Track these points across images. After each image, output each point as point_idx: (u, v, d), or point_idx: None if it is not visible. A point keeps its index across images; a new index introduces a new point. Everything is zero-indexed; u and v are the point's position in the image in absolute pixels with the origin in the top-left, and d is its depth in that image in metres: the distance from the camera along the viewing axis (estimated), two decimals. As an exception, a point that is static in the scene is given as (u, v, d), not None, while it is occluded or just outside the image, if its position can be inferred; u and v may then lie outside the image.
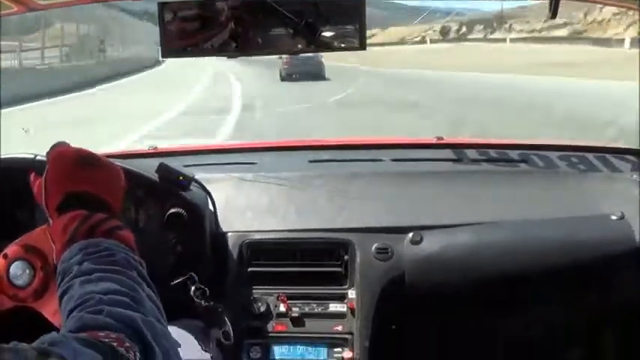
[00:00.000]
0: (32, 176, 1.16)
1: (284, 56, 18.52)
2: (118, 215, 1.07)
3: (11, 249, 1.26)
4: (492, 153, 1.96)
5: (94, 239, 0.98)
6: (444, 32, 54.70)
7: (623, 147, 1.96)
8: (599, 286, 1.59)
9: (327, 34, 1.20)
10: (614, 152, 1.91)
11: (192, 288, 1.50)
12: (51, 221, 1.06)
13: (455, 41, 51.03)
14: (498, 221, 1.65)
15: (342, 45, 1.22)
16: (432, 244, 1.58)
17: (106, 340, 0.77)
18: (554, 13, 1.49)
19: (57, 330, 1.19)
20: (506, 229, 1.63)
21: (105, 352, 0.75)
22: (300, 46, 1.21)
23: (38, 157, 1.30)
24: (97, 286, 0.88)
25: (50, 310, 1.23)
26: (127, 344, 0.78)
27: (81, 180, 1.05)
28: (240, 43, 1.22)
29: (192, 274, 1.51)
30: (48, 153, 1.11)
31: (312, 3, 1.18)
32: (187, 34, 1.24)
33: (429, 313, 1.64)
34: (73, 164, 1.07)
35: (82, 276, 0.91)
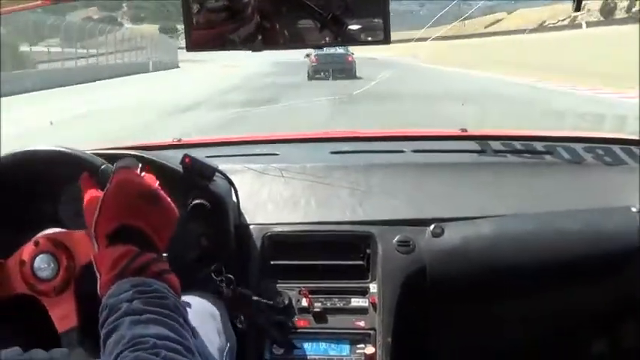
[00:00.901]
0: (87, 181, 1.16)
1: (312, 55, 18.47)
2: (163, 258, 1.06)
3: (43, 239, 1.27)
4: (516, 145, 1.94)
5: (145, 278, 0.97)
6: (607, 10, 39.44)
7: None
8: (619, 278, 1.58)
9: (354, 27, 1.20)
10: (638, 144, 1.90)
11: (219, 278, 1.51)
12: (95, 244, 1.04)
13: (631, 22, 32.08)
14: (520, 213, 1.64)
15: (369, 39, 1.22)
16: (453, 236, 1.58)
17: None
18: (577, 6, 1.47)
19: (56, 333, 1.21)
20: (528, 220, 1.63)
21: None
22: (327, 39, 1.20)
23: (104, 167, 1.29)
24: (147, 329, 0.87)
25: (59, 312, 1.24)
26: None
27: (139, 214, 1.04)
28: (266, 36, 1.22)
29: (219, 265, 1.52)
30: (114, 171, 1.10)
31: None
32: (212, 28, 1.23)
33: (452, 307, 1.63)
34: (137, 196, 1.06)
35: (131, 315, 0.90)
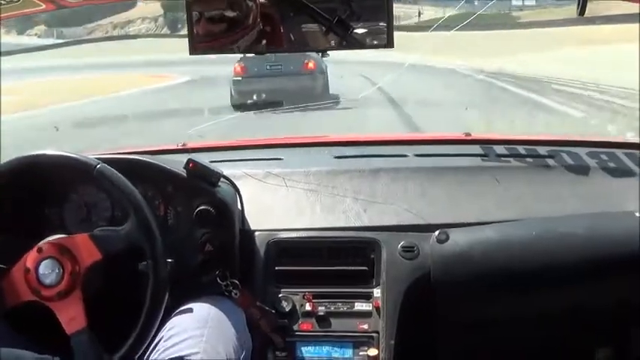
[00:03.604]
0: None
1: (237, 61, 11.06)
2: None
3: (46, 245, 1.28)
4: (520, 149, 1.93)
5: None
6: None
7: None
8: (623, 283, 1.56)
9: (359, 31, 1.20)
10: None
11: (224, 283, 1.52)
12: None
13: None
14: (524, 218, 1.63)
15: (373, 42, 1.22)
16: (458, 242, 1.57)
17: None
18: (582, 10, 1.47)
19: (65, 335, 1.24)
20: (532, 226, 1.61)
21: None
22: (332, 43, 1.20)
23: (99, 166, 1.33)
24: None
25: (67, 315, 1.26)
26: None
27: None
28: (270, 39, 1.22)
29: (223, 270, 1.52)
30: None
31: (343, 0, 1.18)
32: (216, 30, 1.24)
33: (455, 312, 1.63)
34: None
35: None
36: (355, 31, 1.19)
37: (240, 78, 10.85)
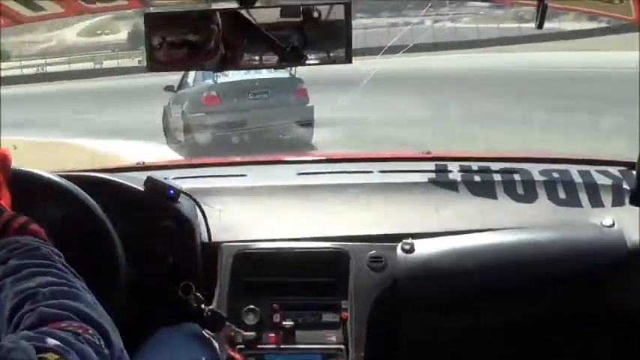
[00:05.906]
0: None
1: (206, 88, 8.35)
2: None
3: None
4: (474, 165, 1.97)
5: (9, 237, 0.96)
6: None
7: (607, 159, 1.98)
8: (590, 293, 1.60)
9: (315, 48, 1.21)
10: (598, 164, 1.93)
11: (188, 297, 1.50)
12: None
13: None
14: (488, 228, 1.66)
15: (333, 59, 1.23)
16: (423, 252, 1.59)
17: (71, 329, 0.79)
18: (541, 23, 1.50)
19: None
20: (497, 235, 1.65)
21: (80, 342, 0.77)
22: (287, 60, 1.21)
23: None
24: (33, 281, 0.87)
25: None
26: (90, 331, 0.80)
27: None
28: (225, 57, 1.23)
29: (190, 283, 1.51)
30: None
31: (299, 18, 1.19)
32: (173, 47, 1.24)
33: (423, 322, 1.64)
34: None
35: (11, 275, 0.89)
36: (312, 48, 1.21)
37: (210, 111, 8.17)
